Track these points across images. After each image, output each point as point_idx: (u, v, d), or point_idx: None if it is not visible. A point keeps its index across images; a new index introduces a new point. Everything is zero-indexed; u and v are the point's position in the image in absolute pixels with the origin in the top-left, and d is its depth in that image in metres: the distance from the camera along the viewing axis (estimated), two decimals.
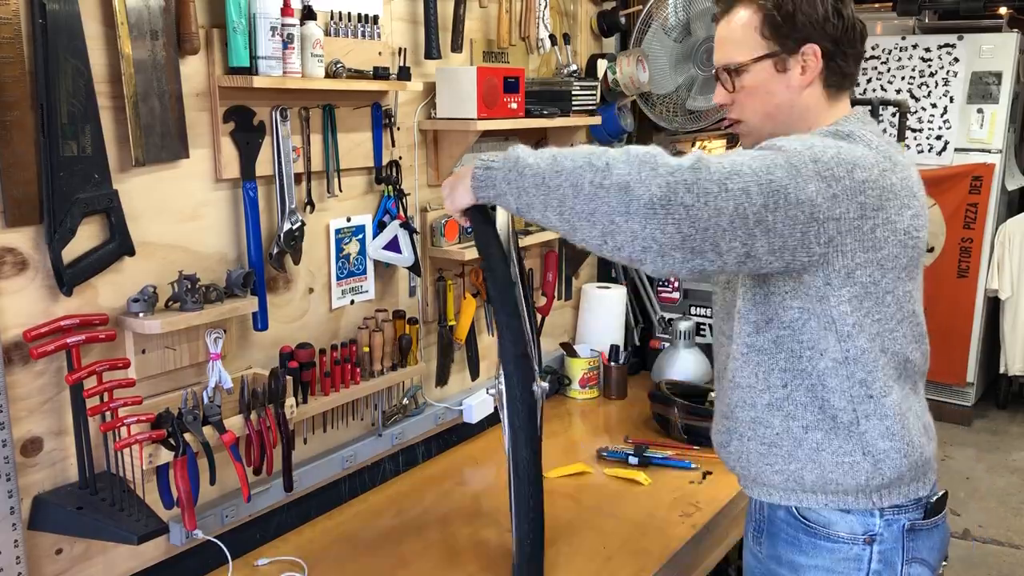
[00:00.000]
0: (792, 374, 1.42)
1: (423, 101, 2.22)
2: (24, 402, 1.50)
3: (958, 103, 4.79)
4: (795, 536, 1.49)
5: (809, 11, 1.39)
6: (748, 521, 1.63)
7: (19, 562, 1.48)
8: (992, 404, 5.31)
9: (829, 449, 1.42)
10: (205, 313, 1.65)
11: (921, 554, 1.46)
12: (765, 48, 1.42)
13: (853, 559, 1.45)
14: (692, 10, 2.86)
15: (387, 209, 2.12)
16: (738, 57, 1.44)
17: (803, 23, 1.39)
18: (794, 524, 1.49)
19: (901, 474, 1.42)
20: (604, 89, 2.77)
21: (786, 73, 1.42)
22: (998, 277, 4.86)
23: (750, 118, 1.48)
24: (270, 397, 1.79)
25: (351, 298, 2.10)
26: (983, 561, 3.66)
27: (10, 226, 1.44)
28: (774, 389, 1.44)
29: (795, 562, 1.49)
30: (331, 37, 1.90)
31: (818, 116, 1.45)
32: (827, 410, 1.41)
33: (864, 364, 1.39)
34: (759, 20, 1.41)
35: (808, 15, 1.39)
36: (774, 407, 1.45)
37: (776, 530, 1.53)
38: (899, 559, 1.45)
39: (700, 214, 1.19)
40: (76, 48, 1.46)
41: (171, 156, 1.65)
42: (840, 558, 1.45)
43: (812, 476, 1.44)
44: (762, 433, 1.47)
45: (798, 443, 1.44)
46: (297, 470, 1.92)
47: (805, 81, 1.42)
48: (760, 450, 1.48)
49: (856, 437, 1.41)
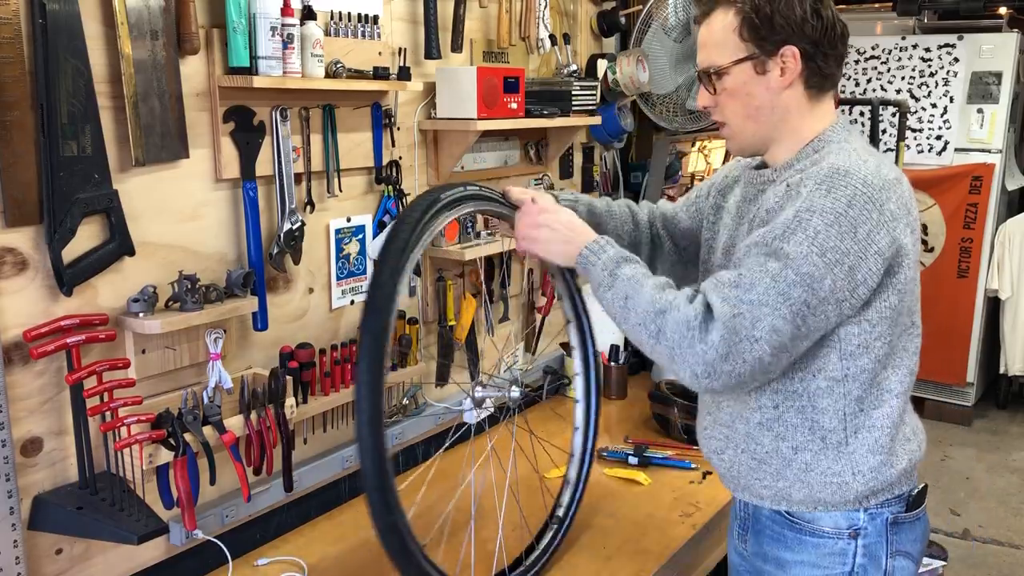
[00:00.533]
0: (783, 395, 1.43)
1: (423, 101, 2.22)
2: (24, 402, 1.50)
3: (958, 103, 4.79)
4: (780, 532, 1.50)
5: (787, 13, 1.38)
6: (732, 519, 1.64)
7: (19, 562, 1.48)
8: (992, 404, 5.31)
9: (818, 470, 1.43)
10: (205, 313, 1.65)
11: (904, 546, 1.48)
12: (744, 51, 1.41)
13: (838, 553, 1.46)
14: (692, 10, 2.86)
15: (387, 209, 2.13)
16: (718, 60, 1.44)
17: (781, 25, 1.38)
18: (779, 521, 1.50)
19: (889, 483, 1.44)
20: (604, 89, 2.77)
21: (765, 75, 1.42)
22: (998, 277, 4.86)
23: (732, 120, 1.48)
24: (270, 397, 1.79)
25: (351, 298, 2.10)
26: (983, 561, 3.66)
27: (10, 226, 1.44)
28: (764, 409, 1.45)
29: (781, 558, 1.50)
30: (331, 37, 1.90)
31: (800, 118, 1.45)
32: (816, 430, 1.42)
33: (862, 382, 1.40)
34: (738, 22, 1.41)
35: (786, 17, 1.38)
36: (764, 427, 1.46)
37: (761, 527, 1.54)
38: (883, 552, 1.46)
39: (742, 369, 1.30)
40: (76, 48, 1.46)
41: (171, 156, 1.65)
42: (825, 552, 1.46)
43: (800, 495, 1.45)
44: (753, 448, 1.48)
45: (787, 463, 1.45)
46: (297, 470, 1.92)
47: (784, 83, 1.42)
48: (751, 464, 1.49)
49: (846, 457, 1.42)
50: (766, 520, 1.53)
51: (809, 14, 1.39)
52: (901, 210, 1.35)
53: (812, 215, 1.31)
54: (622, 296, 1.40)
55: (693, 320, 1.31)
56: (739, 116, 1.47)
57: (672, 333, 1.32)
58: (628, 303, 1.39)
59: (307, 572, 1.81)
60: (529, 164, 2.63)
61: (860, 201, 1.30)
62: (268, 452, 1.79)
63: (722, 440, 1.54)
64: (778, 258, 1.30)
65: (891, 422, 1.42)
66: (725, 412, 1.53)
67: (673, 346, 1.33)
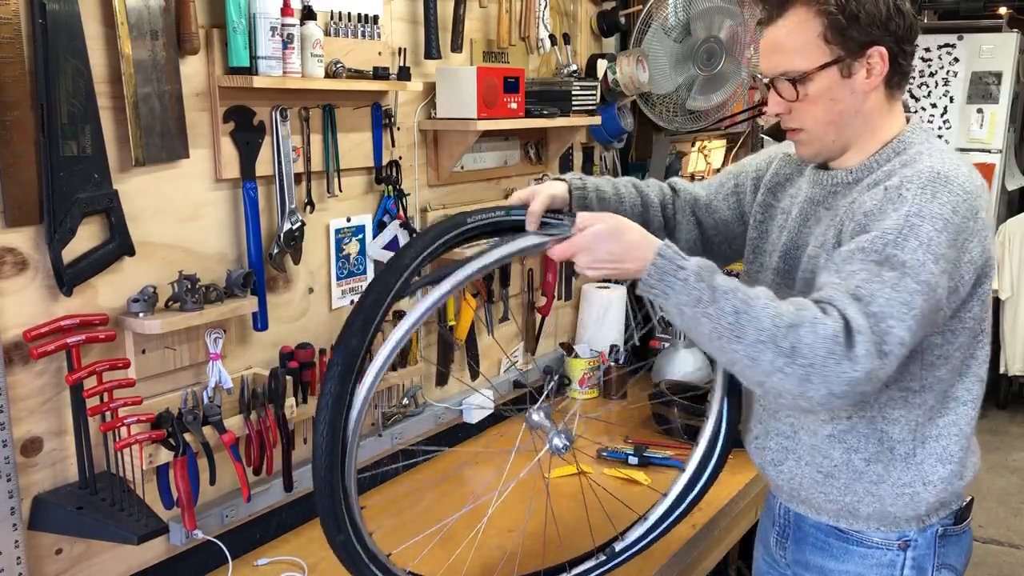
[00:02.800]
0: (857, 406, 1.37)
1: (423, 101, 2.21)
2: (24, 402, 1.50)
3: (958, 103, 4.79)
4: (825, 541, 1.46)
5: (873, 11, 1.30)
6: (768, 525, 1.59)
7: (19, 562, 1.48)
8: (992, 404, 5.31)
9: (889, 481, 1.38)
10: (205, 313, 1.65)
11: (950, 560, 1.45)
12: (829, 54, 1.32)
13: (886, 565, 1.42)
14: (692, 10, 2.86)
15: (387, 209, 2.12)
16: (799, 65, 1.33)
17: (867, 24, 1.30)
18: (825, 529, 1.46)
19: (956, 495, 1.40)
20: (604, 89, 2.77)
21: (851, 78, 1.33)
22: (998, 277, 4.86)
23: (812, 127, 1.38)
24: (270, 397, 1.79)
25: (351, 298, 2.10)
26: (983, 561, 3.65)
27: (10, 226, 1.44)
28: (838, 420, 1.40)
29: (824, 567, 1.47)
30: (331, 37, 1.90)
31: (880, 121, 1.38)
32: (885, 441, 1.38)
33: (937, 392, 1.36)
34: (821, 24, 1.31)
35: (872, 15, 1.30)
36: (835, 439, 1.40)
37: (804, 535, 1.50)
38: (930, 565, 1.43)
39: (872, 389, 1.18)
40: (76, 48, 1.46)
41: (171, 156, 1.65)
42: (872, 564, 1.43)
43: (869, 509, 1.40)
44: (820, 461, 1.42)
45: (858, 476, 1.40)
46: (297, 470, 1.92)
47: (871, 85, 1.34)
48: (816, 477, 1.43)
49: (914, 468, 1.38)
50: (810, 528, 1.48)
51: (892, 11, 1.32)
52: (988, 219, 1.31)
53: (923, 221, 1.22)
54: (731, 311, 1.19)
55: (840, 334, 1.16)
56: (820, 122, 1.37)
57: (813, 350, 1.15)
58: (741, 319, 1.18)
59: (307, 572, 1.81)
60: (529, 164, 2.63)
61: (963, 208, 1.25)
62: (268, 452, 1.79)
63: (780, 451, 1.48)
64: (893, 267, 1.21)
65: (960, 431, 1.38)
66: (784, 422, 1.47)
67: (812, 364, 1.15)
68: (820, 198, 1.44)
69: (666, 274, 1.22)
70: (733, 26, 2.88)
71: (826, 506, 1.44)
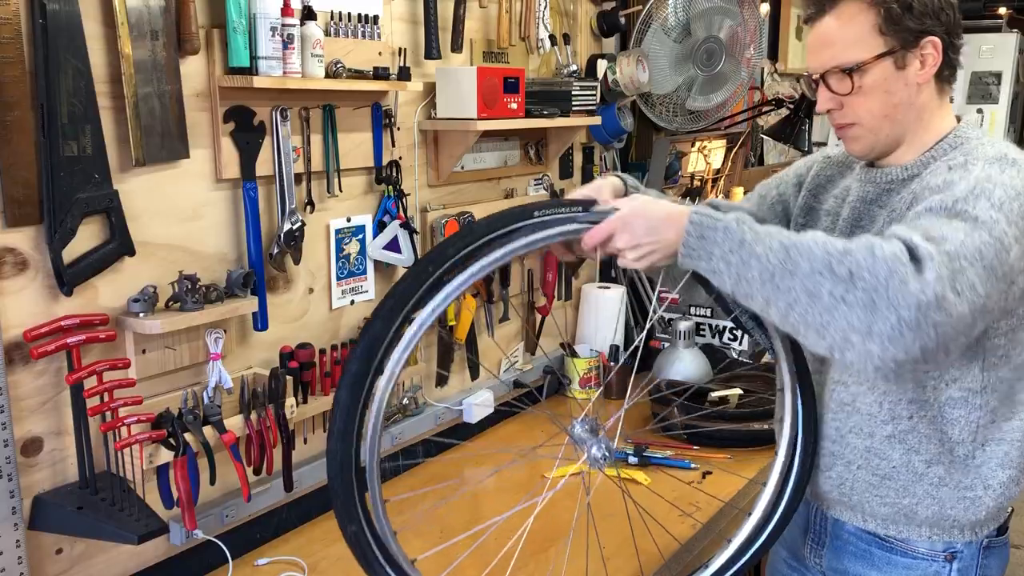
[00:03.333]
0: (918, 405, 1.35)
1: (423, 101, 2.22)
2: (24, 402, 1.50)
3: (958, 103, 4.80)
4: (866, 550, 1.44)
5: (926, 0, 1.30)
6: (800, 533, 1.56)
7: (20, 562, 1.48)
8: None
9: (951, 484, 1.36)
10: (205, 313, 1.65)
11: (992, 571, 1.43)
12: (883, 45, 1.31)
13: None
14: (692, 10, 2.86)
15: (387, 209, 2.13)
16: (853, 56, 1.32)
17: (921, 14, 1.29)
18: (865, 538, 1.44)
19: (1013, 501, 1.38)
20: (604, 89, 2.77)
21: (905, 70, 1.32)
22: None
23: (866, 120, 1.36)
24: (270, 397, 1.79)
25: (351, 298, 2.10)
26: None
27: (10, 226, 1.44)
28: (899, 420, 1.37)
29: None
30: (331, 37, 1.90)
31: (932, 115, 1.37)
32: (945, 443, 1.35)
33: (1000, 393, 1.34)
34: (876, 15, 1.30)
35: (925, 4, 1.29)
36: (895, 439, 1.38)
37: (842, 543, 1.47)
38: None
39: (946, 329, 1.07)
40: (76, 48, 1.46)
41: (171, 156, 1.65)
42: (916, 575, 1.41)
43: (928, 512, 1.38)
44: (876, 464, 1.40)
45: (918, 478, 1.37)
46: (297, 470, 1.92)
47: (924, 77, 1.33)
48: (871, 481, 1.41)
49: (974, 471, 1.36)
50: (849, 535, 1.46)
51: (944, 1, 1.31)
52: None
53: (994, 186, 1.18)
54: (779, 247, 1.12)
55: (902, 254, 1.08)
56: (875, 116, 1.35)
57: (874, 271, 1.06)
58: (791, 252, 1.11)
59: (307, 572, 1.81)
60: (529, 164, 2.63)
61: None
62: (268, 452, 1.80)
63: (826, 457, 1.45)
64: (964, 220, 1.14)
65: (1022, 435, 1.36)
66: (829, 426, 1.44)
67: (876, 287, 1.06)
68: (873, 196, 1.42)
69: (706, 229, 1.18)
70: (733, 26, 2.89)
71: (879, 510, 1.41)
